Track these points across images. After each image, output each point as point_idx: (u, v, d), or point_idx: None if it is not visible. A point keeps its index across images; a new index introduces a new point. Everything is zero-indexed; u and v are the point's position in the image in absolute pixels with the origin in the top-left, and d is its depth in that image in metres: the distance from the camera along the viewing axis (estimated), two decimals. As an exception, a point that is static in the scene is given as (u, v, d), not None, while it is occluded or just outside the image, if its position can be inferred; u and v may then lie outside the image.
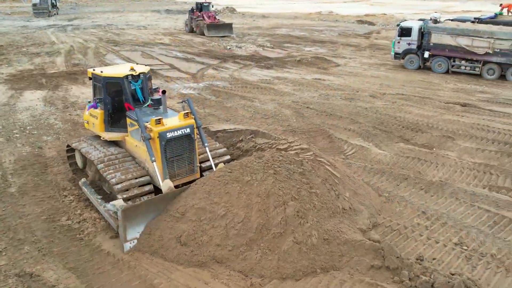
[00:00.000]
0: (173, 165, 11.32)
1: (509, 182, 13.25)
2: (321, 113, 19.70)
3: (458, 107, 20.96)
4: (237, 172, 10.39)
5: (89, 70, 12.85)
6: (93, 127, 12.86)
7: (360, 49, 39.48)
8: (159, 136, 10.83)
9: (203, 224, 9.64)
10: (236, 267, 9.03)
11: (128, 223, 9.72)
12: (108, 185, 11.49)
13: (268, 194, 9.72)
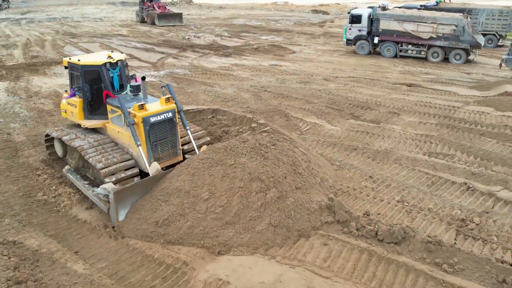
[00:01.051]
0: (157, 148, 11.68)
1: (446, 149, 14.81)
2: (278, 95, 20.89)
3: (404, 87, 22.64)
4: (221, 155, 10.89)
5: (65, 59, 13.01)
6: (72, 115, 13.02)
7: (314, 37, 40.99)
8: (143, 121, 11.13)
9: (185, 208, 10.07)
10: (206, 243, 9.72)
11: (119, 204, 10.20)
12: (93, 171, 11.95)
13: (251, 179, 10.36)
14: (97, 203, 10.89)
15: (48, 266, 9.07)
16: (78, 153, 12.04)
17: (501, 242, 9.89)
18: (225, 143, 11.68)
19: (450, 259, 9.26)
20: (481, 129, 16.46)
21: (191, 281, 8.65)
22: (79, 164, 12.61)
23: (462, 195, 12.04)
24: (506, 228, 10.50)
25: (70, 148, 12.81)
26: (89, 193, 11.19)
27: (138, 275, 8.89)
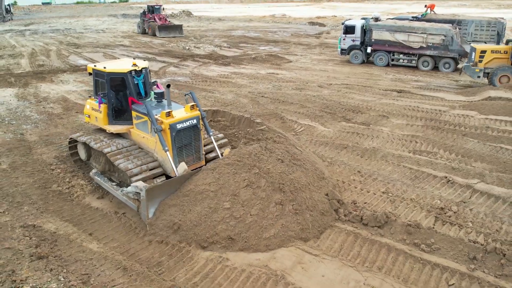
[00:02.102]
0: (182, 153, 12.00)
1: (430, 148, 15.93)
2: (274, 100, 22.03)
3: (395, 93, 23.85)
4: (246, 160, 11.41)
5: (90, 66, 13.38)
6: (96, 120, 13.38)
7: (310, 48, 42.34)
8: (170, 127, 11.47)
9: (204, 215, 10.37)
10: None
11: (150, 202, 10.58)
12: (119, 174, 12.42)
13: (274, 189, 10.88)
14: (127, 202, 11.41)
15: (66, 245, 10.11)
16: (104, 157, 12.51)
17: (476, 227, 10.95)
18: (249, 148, 12.22)
19: (428, 240, 10.33)
20: (464, 130, 17.61)
21: (194, 257, 9.70)
22: (105, 168, 12.96)
23: (442, 187, 13.13)
24: (481, 216, 11.56)
25: (96, 153, 13.23)
26: (118, 193, 11.70)
27: (147, 252, 9.94)
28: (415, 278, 9.17)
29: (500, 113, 19.44)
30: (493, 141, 16.53)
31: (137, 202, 10.94)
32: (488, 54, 24.87)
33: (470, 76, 25.72)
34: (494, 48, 25.34)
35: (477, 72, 25.04)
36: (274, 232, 10.24)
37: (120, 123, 13.06)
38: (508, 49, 24.69)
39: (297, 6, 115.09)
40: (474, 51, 25.31)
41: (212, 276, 9.09)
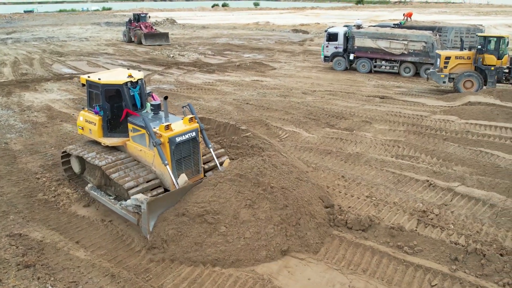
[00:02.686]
0: (181, 166, 11.67)
1: (412, 152, 16.26)
2: (259, 107, 22.25)
3: (377, 99, 24.24)
4: (249, 175, 11.12)
5: (83, 77, 13.07)
6: (90, 133, 13.05)
7: (294, 55, 42.75)
8: (169, 141, 11.21)
9: (200, 240, 10.07)
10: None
11: (151, 215, 10.35)
12: (115, 188, 12.12)
13: (276, 209, 10.59)
14: (126, 216, 11.15)
15: (52, 253, 10.13)
16: (100, 171, 12.27)
17: (457, 229, 11.23)
18: (251, 162, 11.87)
19: (410, 242, 10.57)
20: (445, 135, 18.00)
21: (182, 264, 9.78)
22: (101, 182, 12.63)
23: (424, 191, 13.42)
24: (462, 218, 11.85)
25: (91, 166, 12.86)
26: (116, 207, 11.47)
27: (134, 259, 10.01)
28: (398, 280, 9.38)
29: (479, 117, 19.90)
30: (473, 145, 16.92)
31: (137, 216, 10.77)
32: (452, 60, 25.74)
33: (436, 81, 26.53)
34: (458, 54, 26.14)
35: (443, 78, 25.89)
36: (266, 254, 9.98)
37: (116, 135, 12.81)
38: (471, 55, 25.58)
39: (281, 13, 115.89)
40: (439, 57, 26.11)
41: (199, 281, 9.19)
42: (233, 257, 9.72)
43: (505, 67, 25.38)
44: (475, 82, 25.25)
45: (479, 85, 25.24)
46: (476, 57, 25.33)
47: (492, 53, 25.15)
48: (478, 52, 25.30)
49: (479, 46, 25.45)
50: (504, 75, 25.51)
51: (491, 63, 25.16)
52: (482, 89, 25.26)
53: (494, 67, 25.14)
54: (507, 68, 25.43)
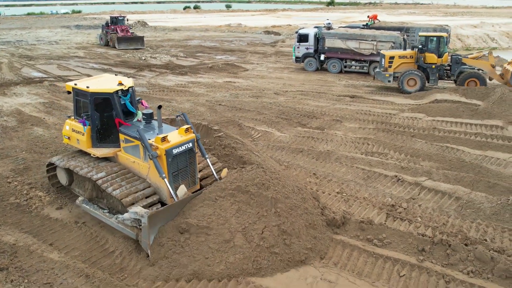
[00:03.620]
0: (178, 178, 11.18)
1: (381, 149, 16.71)
2: (232, 108, 22.44)
3: (348, 99, 24.73)
4: (252, 190, 10.68)
5: (69, 84, 12.45)
6: (78, 143, 12.43)
7: (266, 56, 43.11)
8: (165, 153, 10.69)
9: (203, 250, 9.81)
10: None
11: (151, 229, 9.90)
12: (108, 201, 11.70)
13: (278, 231, 10.21)
14: (123, 230, 10.65)
15: (26, 256, 10.10)
16: (91, 183, 11.85)
17: (424, 221, 11.65)
18: (251, 173, 11.32)
19: (380, 235, 10.92)
20: (413, 132, 18.53)
21: (156, 264, 9.89)
22: (92, 195, 12.15)
23: (392, 186, 13.86)
24: (429, 211, 12.31)
25: (80, 179, 12.39)
26: (112, 221, 10.95)
27: (109, 260, 10.08)
28: (368, 271, 9.71)
29: (446, 114, 20.53)
30: (440, 141, 17.49)
31: (135, 230, 10.29)
32: (396, 59, 26.85)
33: (382, 80, 27.59)
34: (401, 54, 27.20)
35: (387, 77, 27.01)
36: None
37: (105, 145, 12.20)
38: (413, 54, 26.70)
39: (253, 15, 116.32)
40: (384, 57, 27.13)
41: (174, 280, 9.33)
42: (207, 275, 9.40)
43: (446, 64, 26.62)
44: (417, 80, 26.37)
45: (422, 83, 26.38)
46: (418, 56, 26.43)
47: (433, 52, 26.31)
48: (420, 51, 26.41)
49: (420, 46, 26.53)
50: (446, 73, 26.82)
51: (432, 62, 26.35)
52: (425, 86, 26.46)
53: (435, 65, 26.31)
54: (448, 65, 26.65)
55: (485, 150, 16.69)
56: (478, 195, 13.08)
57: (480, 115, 20.25)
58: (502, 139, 17.72)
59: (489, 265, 9.81)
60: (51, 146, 16.98)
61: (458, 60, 26.52)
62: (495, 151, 16.54)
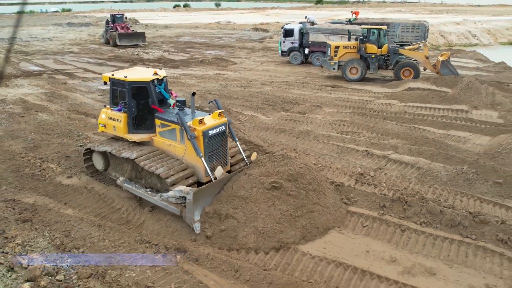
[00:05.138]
0: (212, 158, 12.10)
1: (355, 129, 18.63)
2: (221, 96, 24.23)
3: (329, 88, 26.69)
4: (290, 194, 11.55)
5: (106, 75, 13.34)
6: (114, 130, 13.27)
7: (254, 51, 44.96)
8: (202, 134, 11.64)
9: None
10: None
11: (195, 205, 10.77)
12: (146, 181, 12.72)
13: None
14: (167, 207, 11.45)
15: (45, 212, 11.80)
16: (130, 165, 12.85)
17: (388, 186, 13.50)
18: (290, 168, 12.12)
19: (348, 195, 12.78)
20: (385, 115, 20.47)
21: (158, 213, 11.70)
22: (131, 175, 13.04)
23: (363, 158, 15.74)
24: (393, 178, 14.18)
25: (118, 162, 13.40)
26: (156, 198, 11.75)
27: (117, 214, 11.86)
28: (336, 221, 11.56)
29: (417, 100, 22.52)
30: (408, 122, 19.45)
31: (179, 207, 11.16)
32: (341, 49, 29.15)
33: (328, 68, 30.00)
34: (346, 44, 29.56)
35: (333, 65, 29.40)
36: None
37: (141, 131, 13.09)
38: (356, 45, 28.99)
39: (242, 13, 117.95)
40: (329, 47, 29.39)
41: (172, 227, 11.15)
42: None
43: (385, 55, 28.91)
44: (359, 68, 28.78)
45: (363, 71, 28.78)
46: (360, 46, 28.68)
47: (373, 43, 28.59)
48: (361, 42, 28.69)
49: (361, 37, 28.85)
50: (385, 62, 29.15)
51: (372, 52, 28.63)
52: (365, 75, 29.06)
53: (375, 55, 28.61)
54: (387, 55, 28.93)
55: (448, 130, 18.66)
56: (436, 165, 15.01)
57: (448, 101, 22.26)
58: (465, 120, 19.72)
59: (438, 217, 11.71)
60: (56, 129, 18.62)
61: (396, 50, 28.92)
62: (457, 131, 18.53)
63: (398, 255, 10.37)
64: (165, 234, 11.01)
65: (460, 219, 11.57)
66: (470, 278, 9.60)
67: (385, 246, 10.76)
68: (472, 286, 9.34)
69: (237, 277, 9.47)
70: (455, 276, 9.65)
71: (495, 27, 71.00)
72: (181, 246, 10.23)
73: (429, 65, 28.26)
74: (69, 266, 9.40)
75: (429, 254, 10.47)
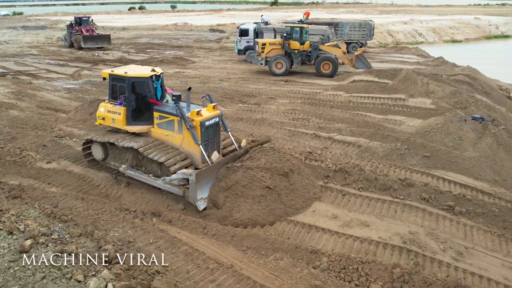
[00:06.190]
0: (207, 147, 13.35)
1: (305, 116, 20.88)
2: (182, 92, 25.91)
3: (282, 82, 29.02)
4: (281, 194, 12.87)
5: (106, 71, 14.40)
6: (113, 122, 14.30)
7: (212, 51, 46.86)
8: (200, 124, 12.92)
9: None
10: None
11: (198, 185, 12.07)
12: (146, 168, 13.90)
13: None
14: (170, 189, 12.79)
15: (31, 191, 13.27)
16: (131, 154, 14.03)
17: (332, 161, 15.65)
18: (283, 165, 13.45)
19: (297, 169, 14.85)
20: (332, 104, 22.86)
21: (133, 188, 13.45)
22: (132, 163, 14.15)
23: (311, 140, 17.93)
24: (337, 155, 16.36)
25: (118, 151, 14.51)
26: (159, 182, 13.05)
27: (97, 190, 13.54)
28: (287, 189, 13.61)
29: (360, 91, 25.07)
30: (352, 110, 21.86)
31: (182, 188, 12.50)
32: (267, 46, 31.85)
33: (256, 64, 32.66)
34: (271, 41, 32.35)
35: (260, 60, 32.02)
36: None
37: (139, 123, 14.15)
38: (280, 42, 31.72)
39: (198, 15, 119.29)
40: (257, 44, 32.00)
41: (147, 198, 12.95)
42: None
43: (307, 51, 31.75)
44: (283, 63, 31.50)
45: (287, 66, 31.49)
46: (284, 43, 31.33)
47: (296, 40, 31.33)
48: (285, 39, 31.38)
49: (285, 34, 31.56)
50: (308, 57, 31.99)
51: (295, 48, 31.43)
52: (290, 69, 31.80)
53: (298, 51, 31.38)
54: (309, 51, 31.76)
55: (387, 115, 21.17)
56: (375, 143, 17.37)
57: (388, 91, 24.88)
58: (402, 107, 22.32)
59: (373, 183, 14.00)
60: (30, 123, 19.89)
61: (316, 46, 31.73)
62: (394, 115, 21.06)
63: (339, 213, 12.53)
64: (141, 203, 12.80)
65: (391, 184, 13.91)
66: (397, 227, 11.85)
67: (329, 207, 12.91)
68: (398, 232, 11.57)
69: (205, 232, 11.37)
70: (385, 227, 11.89)
71: (440, 26, 75.48)
72: (156, 211, 12.09)
73: (346, 59, 31.40)
74: (60, 228, 11.06)
75: (364, 212, 12.70)
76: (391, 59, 40.04)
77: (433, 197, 13.32)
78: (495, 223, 12.23)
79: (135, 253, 10.01)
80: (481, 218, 12.47)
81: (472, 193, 13.61)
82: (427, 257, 10.54)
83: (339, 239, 11.31)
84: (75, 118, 20.59)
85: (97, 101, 21.19)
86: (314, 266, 10.14)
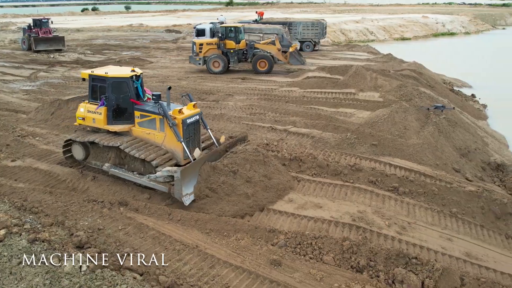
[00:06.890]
0: (189, 143, 13.74)
1: (262, 111, 21.93)
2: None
3: (239, 80, 30.01)
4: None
5: (85, 72, 14.55)
6: (94, 122, 14.47)
7: (169, 51, 47.32)
8: (182, 122, 13.31)
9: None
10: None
11: (183, 181, 12.34)
12: (129, 166, 14.12)
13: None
14: (155, 186, 13.16)
15: (-1, 187, 13.78)
16: (114, 153, 14.24)
17: (288, 152, 16.69)
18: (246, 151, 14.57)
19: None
20: (287, 99, 24.02)
21: (99, 181, 14.09)
22: (115, 162, 14.35)
23: (268, 132, 18.97)
24: (292, 146, 17.47)
25: (99, 150, 14.71)
26: (144, 180, 13.38)
27: (64, 184, 14.10)
28: (246, 177, 14.58)
29: (314, 87, 26.35)
30: (306, 104, 23.07)
31: (167, 185, 12.87)
32: (205, 46, 33.14)
33: (194, 64, 33.83)
34: (208, 41, 33.55)
35: (198, 60, 33.31)
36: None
37: (119, 123, 14.33)
38: (216, 41, 32.98)
39: (153, 16, 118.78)
40: (195, 44, 33.28)
41: (113, 189, 13.63)
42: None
43: (243, 49, 33.18)
44: (220, 62, 32.70)
45: (224, 64, 32.70)
46: (219, 43, 32.68)
47: (232, 39, 32.66)
48: (220, 39, 32.68)
49: (220, 35, 32.84)
50: (244, 56, 33.43)
51: (231, 47, 32.77)
52: (227, 67, 32.96)
53: (234, 50, 32.76)
54: (245, 50, 33.20)
55: (338, 108, 22.49)
56: (327, 134, 18.58)
57: (339, 86, 26.26)
58: (352, 100, 23.70)
59: (326, 169, 15.15)
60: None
61: (252, 45, 33.10)
62: (345, 108, 22.41)
63: (294, 197, 13.58)
64: (108, 195, 13.47)
65: (341, 169, 15.11)
66: (347, 208, 13.01)
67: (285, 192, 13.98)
68: (348, 212, 12.71)
69: (170, 218, 12.19)
70: (336, 207, 13.02)
71: (390, 25, 78.23)
72: (122, 201, 12.81)
73: (280, 56, 32.82)
74: (32, 219, 11.62)
75: (318, 195, 13.81)
76: (343, 57, 41.74)
77: (380, 180, 14.57)
78: (435, 201, 13.60)
79: (105, 239, 10.75)
80: (422, 197, 13.81)
81: (415, 176, 14.95)
82: (374, 232, 11.72)
83: (295, 220, 12.35)
84: (36, 118, 20.89)
85: (57, 101, 21.60)
86: (272, 244, 11.14)
